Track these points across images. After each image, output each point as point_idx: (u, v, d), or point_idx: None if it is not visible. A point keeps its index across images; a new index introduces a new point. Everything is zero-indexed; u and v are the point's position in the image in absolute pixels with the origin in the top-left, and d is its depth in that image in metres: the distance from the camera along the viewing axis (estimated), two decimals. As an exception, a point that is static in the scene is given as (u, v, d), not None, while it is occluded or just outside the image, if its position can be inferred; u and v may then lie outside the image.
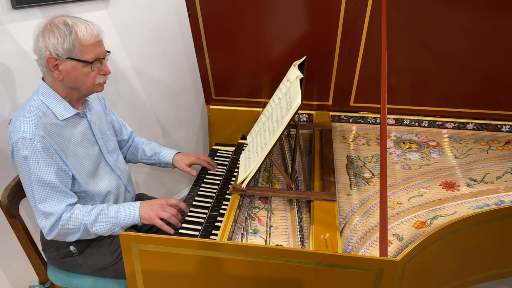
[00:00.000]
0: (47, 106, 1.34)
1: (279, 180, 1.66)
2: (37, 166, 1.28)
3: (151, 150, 1.77)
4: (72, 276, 1.55)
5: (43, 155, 1.28)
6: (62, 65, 1.30)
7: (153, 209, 1.40)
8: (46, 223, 1.33)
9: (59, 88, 1.36)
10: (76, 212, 1.35)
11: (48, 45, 1.27)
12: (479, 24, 1.73)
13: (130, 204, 1.42)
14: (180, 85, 2.40)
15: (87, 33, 1.29)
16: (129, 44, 2.04)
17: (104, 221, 1.38)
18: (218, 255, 1.09)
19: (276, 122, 1.44)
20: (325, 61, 1.91)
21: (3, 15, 1.55)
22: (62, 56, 1.28)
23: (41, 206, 1.32)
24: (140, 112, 2.26)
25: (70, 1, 1.73)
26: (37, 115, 1.30)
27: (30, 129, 1.27)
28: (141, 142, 1.80)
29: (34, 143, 1.27)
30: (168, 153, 1.76)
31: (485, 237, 1.48)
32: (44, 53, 1.29)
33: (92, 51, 1.32)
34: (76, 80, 1.33)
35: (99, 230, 1.38)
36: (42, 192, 1.31)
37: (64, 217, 1.34)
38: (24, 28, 1.62)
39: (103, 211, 1.39)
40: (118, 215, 1.39)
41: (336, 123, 2.08)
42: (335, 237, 1.25)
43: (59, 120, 1.35)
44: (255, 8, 1.77)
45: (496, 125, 2.01)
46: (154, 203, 1.42)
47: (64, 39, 1.27)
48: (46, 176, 1.29)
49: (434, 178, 1.65)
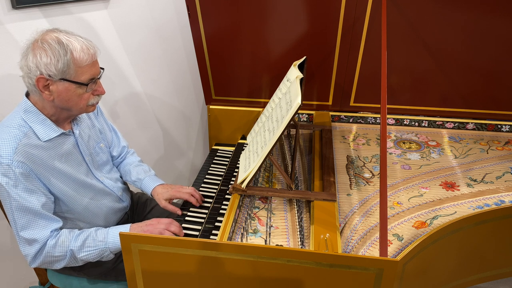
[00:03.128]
0: (29, 126, 1.24)
1: (279, 180, 1.66)
2: (16, 193, 1.20)
3: (136, 175, 1.61)
4: (72, 278, 1.54)
5: (22, 181, 1.20)
6: (53, 85, 1.20)
7: (143, 230, 1.33)
8: (29, 251, 1.26)
9: (47, 106, 1.26)
10: (62, 238, 1.28)
11: (40, 64, 1.17)
12: (479, 24, 1.73)
13: (119, 227, 1.35)
14: (180, 85, 2.40)
15: (83, 53, 1.20)
16: (129, 44, 2.04)
17: (92, 246, 1.30)
18: (218, 255, 1.09)
19: (276, 122, 1.44)
20: (325, 61, 1.91)
21: (3, 15, 1.55)
22: (54, 77, 1.19)
23: (24, 233, 1.23)
24: (140, 112, 2.26)
25: (70, 1, 1.73)
26: (16, 137, 1.20)
27: (8, 154, 1.18)
28: (131, 163, 1.65)
29: (12, 168, 1.18)
30: (149, 184, 1.58)
31: (485, 237, 1.48)
32: (34, 73, 1.18)
33: (88, 72, 1.23)
34: (68, 101, 1.24)
35: (87, 256, 1.30)
36: (23, 218, 1.23)
37: (49, 244, 1.26)
38: (24, 28, 1.62)
39: (90, 235, 1.31)
40: (107, 239, 1.30)
41: (336, 123, 2.08)
42: (335, 237, 1.26)
43: (42, 141, 1.25)
44: (255, 8, 1.77)
45: (496, 125, 2.01)
46: (145, 224, 1.36)
47: (58, 59, 1.17)
48: (26, 202, 1.21)
49: (434, 178, 1.65)
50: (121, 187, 1.58)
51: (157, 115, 2.38)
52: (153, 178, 1.61)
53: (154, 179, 1.61)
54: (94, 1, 1.84)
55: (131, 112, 2.21)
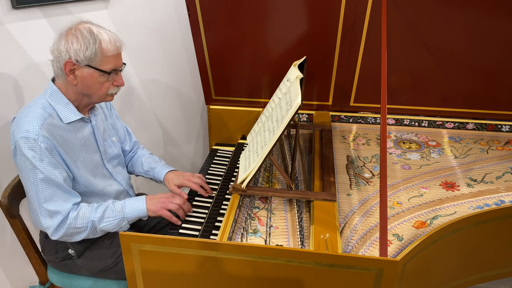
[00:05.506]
0: (53, 108, 1.34)
1: (279, 180, 1.66)
2: (42, 165, 1.28)
3: (148, 165, 1.71)
4: (72, 277, 1.55)
5: (47, 155, 1.28)
6: (79, 70, 1.30)
7: (160, 201, 1.42)
8: (51, 223, 1.33)
9: (70, 91, 1.36)
10: (82, 210, 1.36)
11: (70, 49, 1.27)
12: (479, 24, 1.73)
13: (135, 198, 1.44)
14: (180, 85, 2.40)
15: (110, 44, 1.30)
16: (129, 44, 2.02)
17: (111, 216, 1.38)
18: (218, 255, 1.09)
19: (276, 122, 1.44)
20: (325, 61, 1.91)
21: (3, 15, 1.55)
22: (81, 62, 1.28)
23: (47, 205, 1.31)
24: (140, 112, 2.26)
25: (70, 1, 1.73)
26: (42, 116, 1.30)
27: (35, 129, 1.27)
28: (142, 155, 1.75)
29: (38, 143, 1.26)
30: (161, 171, 1.67)
31: (485, 237, 1.48)
32: (63, 56, 1.28)
33: (112, 62, 1.33)
34: (90, 87, 1.34)
35: (106, 226, 1.38)
36: (47, 190, 1.30)
37: (71, 216, 1.34)
38: (24, 28, 1.62)
39: (109, 206, 1.39)
40: (125, 209, 1.39)
41: (336, 123, 2.08)
42: (335, 237, 1.26)
43: (64, 123, 1.35)
44: (255, 8, 1.77)
45: (496, 125, 2.01)
46: (161, 196, 1.45)
47: (87, 47, 1.27)
48: (51, 175, 1.29)
49: (434, 178, 1.65)
50: (128, 183, 1.64)
51: (157, 115, 2.38)
52: (164, 166, 1.71)
53: (165, 166, 1.70)
54: (94, 1, 1.84)
55: (131, 112, 2.21)
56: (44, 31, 1.68)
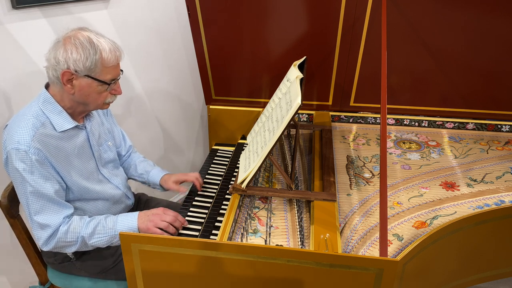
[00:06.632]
0: (46, 116, 1.30)
1: (279, 180, 1.66)
2: (32, 178, 1.25)
3: (143, 168, 1.69)
4: (72, 278, 1.54)
5: (38, 167, 1.25)
6: (77, 80, 1.26)
7: (150, 219, 1.37)
8: (42, 234, 1.30)
9: (66, 99, 1.32)
10: (73, 224, 1.33)
11: (68, 59, 1.23)
12: (479, 24, 1.73)
13: (128, 215, 1.40)
14: (180, 85, 2.40)
15: (111, 54, 1.28)
16: (129, 44, 2.04)
17: (102, 233, 1.34)
18: (218, 255, 1.09)
19: (276, 122, 1.44)
20: (325, 61, 1.91)
21: (3, 15, 1.55)
22: (80, 72, 1.25)
23: (37, 218, 1.28)
24: (140, 112, 2.26)
25: (70, 1, 1.73)
26: (34, 126, 1.26)
27: (26, 141, 1.23)
28: (136, 158, 1.74)
29: (29, 155, 1.23)
30: (157, 174, 1.67)
31: (485, 237, 1.48)
32: (61, 66, 1.24)
33: (112, 72, 1.30)
34: (88, 96, 1.31)
35: (97, 242, 1.35)
36: (37, 203, 1.27)
37: (61, 230, 1.31)
38: (24, 28, 1.62)
39: (100, 222, 1.36)
40: (116, 226, 1.36)
41: (336, 123, 2.08)
42: (335, 237, 1.26)
43: (57, 131, 1.31)
44: (255, 8, 1.77)
45: (496, 125, 2.01)
46: (152, 213, 1.39)
47: (87, 57, 1.24)
48: (41, 188, 1.26)
49: (434, 178, 1.65)
50: (125, 185, 1.62)
51: (157, 115, 2.38)
52: (159, 169, 1.71)
53: (160, 170, 1.71)
54: (94, 1, 1.84)
55: (131, 112, 2.21)
56: (44, 31, 1.68)
